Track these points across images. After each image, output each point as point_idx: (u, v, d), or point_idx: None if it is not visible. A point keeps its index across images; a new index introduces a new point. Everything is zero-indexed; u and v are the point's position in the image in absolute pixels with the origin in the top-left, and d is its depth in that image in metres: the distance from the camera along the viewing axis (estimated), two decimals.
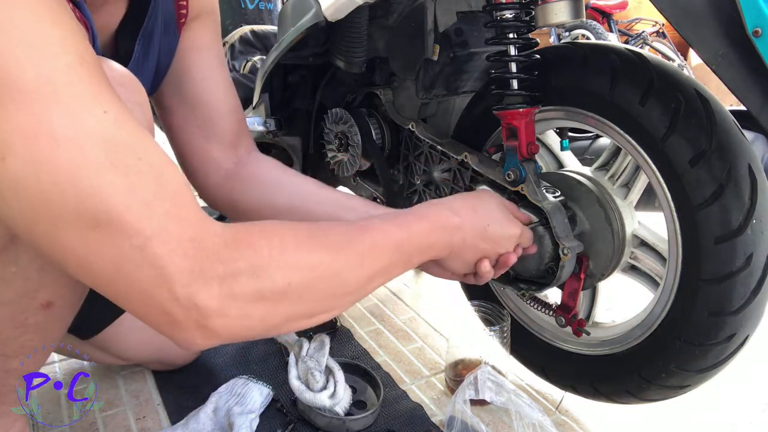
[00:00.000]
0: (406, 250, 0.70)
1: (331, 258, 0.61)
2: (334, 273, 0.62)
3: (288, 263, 0.58)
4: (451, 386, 1.12)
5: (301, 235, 0.60)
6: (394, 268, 0.70)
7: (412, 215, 0.73)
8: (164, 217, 0.50)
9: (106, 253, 0.49)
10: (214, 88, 0.90)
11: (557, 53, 0.94)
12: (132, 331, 1.06)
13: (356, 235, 0.65)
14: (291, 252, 0.58)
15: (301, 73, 1.38)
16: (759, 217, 0.76)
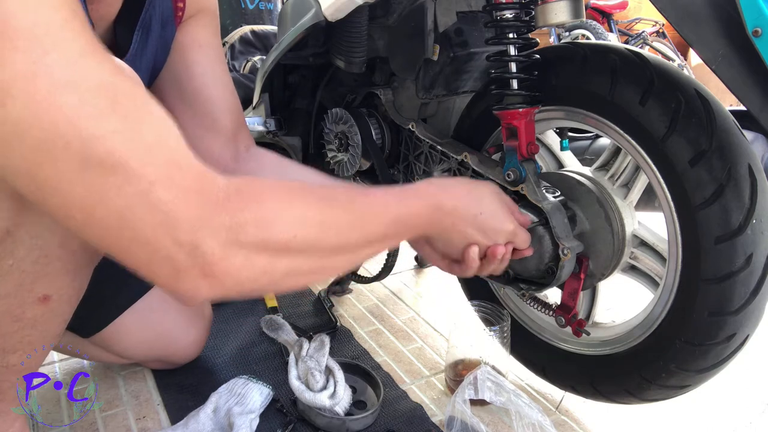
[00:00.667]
0: (402, 223, 0.72)
1: (335, 216, 0.63)
2: (337, 231, 0.64)
3: (294, 217, 0.59)
4: (451, 386, 1.12)
5: (307, 192, 0.62)
6: (388, 238, 0.72)
7: (411, 191, 0.74)
8: (168, 164, 0.51)
9: (110, 200, 0.50)
10: (214, 85, 0.90)
11: (557, 53, 0.94)
12: (133, 329, 1.06)
13: (360, 199, 0.68)
14: (297, 207, 0.60)
15: (301, 73, 1.38)
16: (759, 217, 0.76)
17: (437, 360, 1.23)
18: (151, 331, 1.07)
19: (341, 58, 1.17)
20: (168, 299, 1.09)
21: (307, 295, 1.48)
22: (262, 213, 0.57)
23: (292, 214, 0.59)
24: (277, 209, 0.58)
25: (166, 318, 1.09)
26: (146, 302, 1.07)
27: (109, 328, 1.04)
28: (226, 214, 0.54)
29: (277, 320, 1.21)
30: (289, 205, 0.59)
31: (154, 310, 1.07)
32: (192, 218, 0.52)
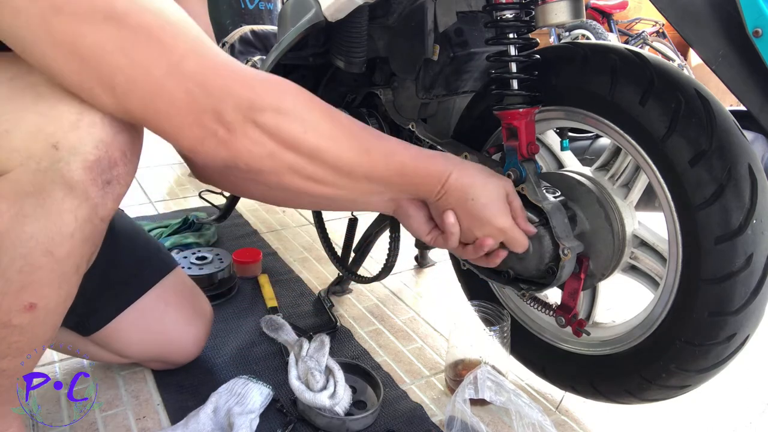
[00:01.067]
0: (405, 174, 0.76)
1: (347, 137, 0.69)
2: (345, 149, 0.69)
3: (310, 120, 0.66)
4: (451, 386, 1.12)
5: (328, 108, 0.69)
6: (388, 185, 0.76)
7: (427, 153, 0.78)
8: (195, 43, 0.59)
9: (146, 70, 0.57)
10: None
11: (557, 53, 0.94)
12: (133, 327, 1.06)
13: (375, 136, 0.72)
14: (315, 113, 0.67)
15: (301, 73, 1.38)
16: (759, 217, 0.76)
17: (437, 360, 1.23)
18: (151, 329, 1.07)
19: (341, 58, 1.17)
20: (168, 299, 1.09)
21: (307, 295, 1.48)
22: (282, 104, 0.64)
23: (309, 116, 0.66)
24: (296, 108, 0.65)
25: (167, 317, 1.09)
26: (147, 301, 1.07)
27: (110, 326, 1.04)
28: (252, 93, 0.61)
29: (277, 320, 1.21)
30: (308, 109, 0.66)
31: (154, 308, 1.07)
32: (219, 89, 0.59)
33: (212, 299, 1.23)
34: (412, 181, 0.78)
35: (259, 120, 0.63)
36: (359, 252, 1.41)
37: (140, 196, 2.12)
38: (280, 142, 0.65)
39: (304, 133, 0.66)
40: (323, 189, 0.72)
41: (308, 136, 0.66)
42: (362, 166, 0.72)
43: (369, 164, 0.72)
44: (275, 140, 0.65)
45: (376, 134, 0.74)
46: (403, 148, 0.76)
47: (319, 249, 1.51)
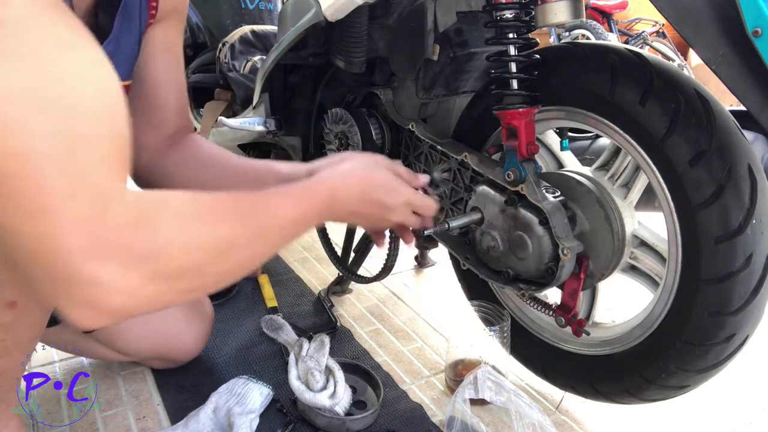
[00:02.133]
0: (299, 222, 0.73)
1: (234, 235, 0.63)
2: (239, 248, 0.64)
3: (190, 244, 0.58)
4: (451, 386, 1.12)
5: (206, 211, 0.61)
6: (289, 237, 0.73)
7: (305, 189, 0.75)
8: (65, 193, 0.49)
9: (2, 220, 0.49)
10: (172, 89, 0.93)
11: (557, 53, 0.94)
12: (135, 324, 1.06)
13: (259, 209, 0.67)
14: (194, 230, 0.58)
15: (301, 73, 1.38)
16: (759, 217, 0.76)
17: (437, 360, 1.23)
18: (152, 326, 1.08)
19: (341, 58, 1.17)
20: None
21: (307, 295, 1.48)
22: (157, 244, 0.55)
23: (187, 239, 0.58)
24: (172, 238, 0.56)
25: (168, 314, 1.09)
26: None
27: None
28: (120, 248, 0.52)
29: (277, 320, 1.21)
30: (184, 229, 0.58)
31: None
32: (81, 250, 0.50)
33: (212, 299, 1.24)
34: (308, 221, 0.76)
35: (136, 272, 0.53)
36: (359, 252, 1.41)
37: None
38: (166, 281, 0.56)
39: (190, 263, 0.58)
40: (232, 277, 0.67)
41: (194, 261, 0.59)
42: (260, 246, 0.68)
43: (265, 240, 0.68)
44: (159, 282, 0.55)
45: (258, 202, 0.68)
46: (287, 198, 0.72)
47: (319, 249, 1.51)
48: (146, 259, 0.53)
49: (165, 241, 0.55)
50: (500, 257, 0.99)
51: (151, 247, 0.54)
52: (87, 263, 0.50)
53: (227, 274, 0.65)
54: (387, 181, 0.83)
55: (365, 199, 0.80)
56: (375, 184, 0.81)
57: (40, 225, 0.48)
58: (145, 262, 0.53)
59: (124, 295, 0.52)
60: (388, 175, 0.84)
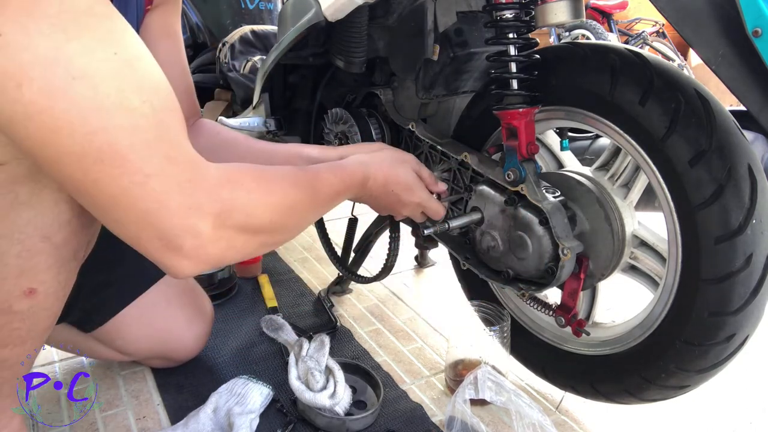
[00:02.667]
0: (341, 196, 0.85)
1: (300, 201, 0.74)
2: (300, 212, 0.76)
3: (273, 204, 0.69)
4: (451, 386, 1.12)
5: (280, 180, 0.72)
6: (331, 208, 0.85)
7: (347, 169, 0.85)
8: (164, 159, 0.57)
9: (106, 186, 0.55)
10: (176, 72, 0.97)
11: (557, 53, 0.94)
12: (135, 323, 1.06)
13: (316, 182, 0.78)
14: (276, 194, 0.70)
15: (301, 73, 1.38)
16: (759, 217, 0.76)
17: (437, 360, 1.23)
18: (153, 325, 1.08)
19: (341, 58, 1.17)
20: (171, 296, 1.10)
21: (307, 295, 1.48)
22: (246, 201, 0.65)
23: (271, 202, 0.69)
24: (259, 198, 0.67)
25: (169, 313, 1.09)
26: (149, 297, 1.07)
27: (112, 321, 1.04)
28: (216, 203, 0.61)
29: (277, 320, 1.21)
30: (268, 194, 0.69)
31: (156, 305, 1.08)
32: (185, 206, 0.58)
33: (212, 299, 1.24)
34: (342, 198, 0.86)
35: (228, 224, 0.63)
36: (359, 252, 1.41)
37: None
38: (251, 234, 0.67)
39: (270, 221, 0.69)
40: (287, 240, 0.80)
41: (273, 220, 0.70)
42: (316, 214, 0.81)
43: (319, 209, 0.81)
44: (245, 235, 0.66)
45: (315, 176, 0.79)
46: (330, 174, 0.82)
47: (319, 249, 1.51)
48: (237, 214, 0.63)
49: (252, 199, 0.66)
50: (500, 257, 0.99)
51: (241, 203, 0.64)
52: (190, 218, 0.59)
53: (290, 232, 0.77)
54: (409, 180, 0.93)
55: (386, 191, 0.91)
56: (398, 180, 0.91)
57: (149, 188, 0.56)
58: (235, 217, 0.63)
59: (221, 244, 0.63)
60: (412, 176, 0.94)
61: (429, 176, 0.98)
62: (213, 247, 0.62)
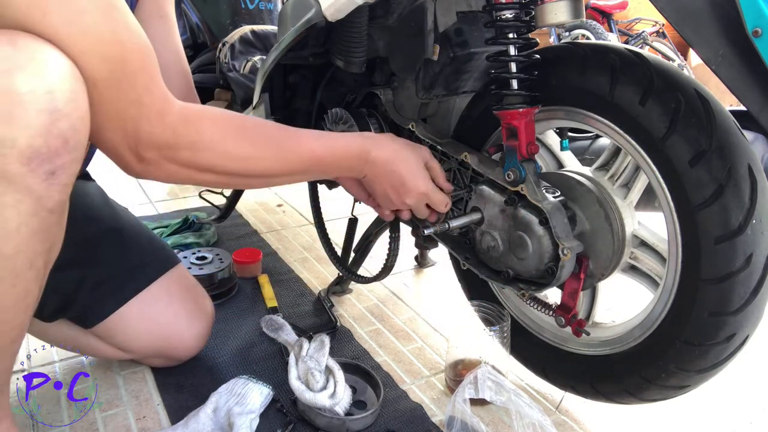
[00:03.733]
0: (323, 163, 0.87)
1: (262, 152, 0.80)
2: (260, 163, 0.81)
3: (223, 151, 0.77)
4: (451, 386, 1.12)
5: (242, 129, 0.78)
6: (309, 173, 0.88)
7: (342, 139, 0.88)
8: (143, 89, 0.70)
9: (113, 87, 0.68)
10: (171, 52, 1.00)
11: (557, 53, 0.94)
12: (136, 319, 1.06)
13: (286, 139, 0.82)
14: (229, 143, 0.77)
15: (301, 73, 1.38)
16: (759, 217, 0.76)
17: (437, 360, 1.23)
18: (153, 321, 1.08)
19: (341, 58, 1.17)
20: (172, 292, 1.10)
21: (307, 295, 1.48)
22: (198, 141, 0.74)
23: (223, 147, 0.76)
24: (211, 141, 0.75)
25: (169, 310, 1.09)
26: (150, 293, 1.07)
27: (113, 317, 1.04)
28: (172, 136, 0.72)
29: (277, 320, 1.21)
30: (222, 139, 0.76)
31: (158, 301, 1.08)
32: (147, 132, 0.71)
33: (212, 299, 1.23)
34: (333, 167, 0.88)
35: (176, 157, 0.74)
36: (359, 252, 1.41)
37: (140, 196, 2.12)
38: (196, 169, 0.77)
39: (221, 164, 0.78)
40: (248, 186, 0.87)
41: (225, 165, 0.78)
42: (281, 169, 0.84)
43: (286, 166, 0.83)
44: (192, 169, 0.77)
45: (290, 134, 0.83)
46: (315, 140, 0.85)
47: (319, 249, 1.51)
48: (189, 149, 0.74)
49: (207, 141, 0.75)
50: (500, 257, 0.99)
51: (195, 141, 0.74)
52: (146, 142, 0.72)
53: (246, 181, 0.84)
54: (417, 166, 0.93)
55: (391, 170, 0.91)
56: (406, 162, 0.92)
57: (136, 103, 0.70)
58: (187, 152, 0.74)
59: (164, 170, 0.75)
60: (420, 163, 0.94)
61: (439, 169, 0.98)
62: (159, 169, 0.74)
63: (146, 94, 0.70)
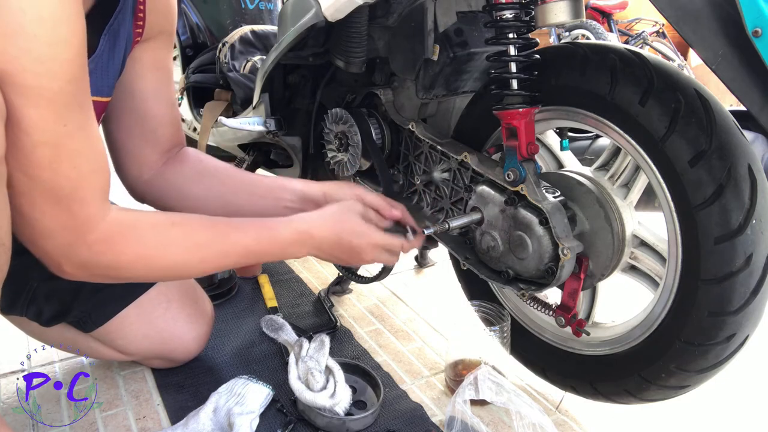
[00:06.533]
0: (261, 256, 0.91)
1: (187, 263, 0.83)
2: (184, 272, 0.88)
3: (144, 267, 0.79)
4: (451, 386, 1.12)
5: (167, 242, 0.80)
6: (243, 262, 0.90)
7: (273, 229, 0.88)
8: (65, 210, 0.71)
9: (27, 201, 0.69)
10: (162, 104, 0.99)
11: (557, 53, 0.94)
12: (135, 323, 1.06)
13: (215, 242, 0.84)
14: (150, 258, 0.79)
15: (301, 73, 1.38)
16: (759, 217, 0.76)
17: (437, 360, 1.23)
18: (153, 325, 1.08)
19: (341, 58, 1.17)
20: (171, 296, 1.10)
21: (307, 295, 1.48)
22: (116, 263, 0.77)
23: (142, 265, 0.79)
24: (129, 261, 0.78)
25: (169, 313, 1.09)
26: (150, 297, 1.07)
27: (113, 321, 1.04)
28: (87, 254, 0.74)
29: (277, 320, 1.21)
30: (141, 256, 0.78)
31: (157, 305, 1.08)
32: (62, 246, 0.73)
33: (212, 299, 1.24)
34: (272, 255, 0.90)
35: (93, 272, 0.77)
36: None
37: None
38: (113, 279, 0.82)
39: (138, 276, 0.84)
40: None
41: (142, 275, 0.84)
42: (211, 268, 0.88)
43: (217, 264, 0.86)
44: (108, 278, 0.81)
45: (219, 234, 0.84)
46: (246, 234, 0.86)
47: None
48: (105, 268, 0.77)
49: (125, 262, 0.78)
50: (500, 257, 0.99)
51: (111, 263, 0.77)
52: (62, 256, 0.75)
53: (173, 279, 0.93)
54: (356, 225, 0.91)
55: (338, 242, 0.90)
56: (345, 228, 0.90)
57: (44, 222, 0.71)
58: (104, 269, 0.78)
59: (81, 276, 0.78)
60: (359, 220, 0.92)
61: (375, 216, 0.95)
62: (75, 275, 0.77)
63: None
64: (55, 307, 1.01)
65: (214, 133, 1.57)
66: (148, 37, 0.93)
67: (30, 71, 0.61)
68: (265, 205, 1.00)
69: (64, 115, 0.66)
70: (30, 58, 0.61)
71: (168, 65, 1.01)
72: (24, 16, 0.59)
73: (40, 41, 0.61)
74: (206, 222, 0.85)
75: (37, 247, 0.73)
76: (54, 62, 0.62)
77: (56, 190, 0.69)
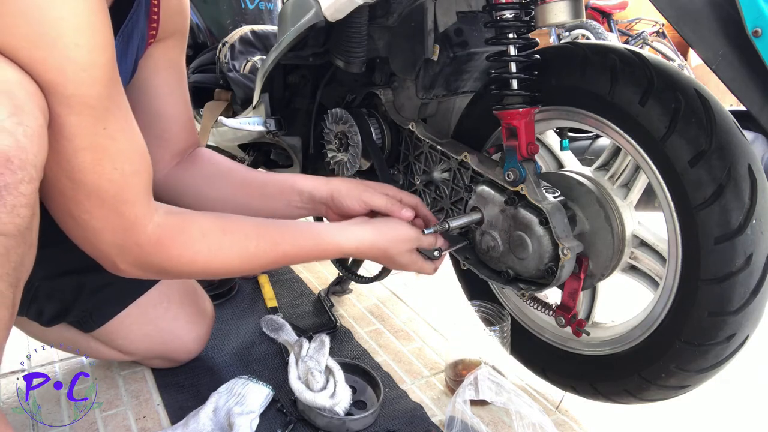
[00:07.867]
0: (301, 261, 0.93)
1: (237, 266, 0.83)
2: (232, 272, 0.87)
3: (198, 270, 0.81)
4: (451, 386, 1.12)
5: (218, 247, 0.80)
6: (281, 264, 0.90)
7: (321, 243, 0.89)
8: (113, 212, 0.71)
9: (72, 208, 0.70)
10: (176, 103, 0.99)
11: (557, 53, 0.94)
12: (136, 323, 1.06)
13: (266, 251, 0.84)
14: (203, 263, 0.80)
15: (301, 73, 1.38)
16: (759, 217, 0.76)
17: (437, 360, 1.23)
18: (153, 325, 1.08)
19: (341, 58, 1.17)
20: (172, 296, 1.10)
21: (307, 295, 1.48)
22: (167, 263, 0.77)
23: (191, 269, 0.80)
24: (180, 264, 0.78)
25: (169, 314, 1.09)
26: (150, 297, 1.07)
27: (113, 321, 1.04)
28: (139, 253, 0.75)
29: (277, 320, 1.21)
30: (192, 260, 0.78)
31: (157, 305, 1.08)
32: (115, 246, 0.73)
33: (212, 299, 1.24)
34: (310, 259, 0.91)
35: (146, 270, 0.78)
36: None
37: None
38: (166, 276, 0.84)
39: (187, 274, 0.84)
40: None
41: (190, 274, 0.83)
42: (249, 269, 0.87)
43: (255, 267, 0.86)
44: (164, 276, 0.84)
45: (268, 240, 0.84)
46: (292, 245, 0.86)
47: None
48: (158, 269, 0.78)
49: (176, 264, 0.78)
50: (500, 257, 0.99)
51: (163, 262, 0.77)
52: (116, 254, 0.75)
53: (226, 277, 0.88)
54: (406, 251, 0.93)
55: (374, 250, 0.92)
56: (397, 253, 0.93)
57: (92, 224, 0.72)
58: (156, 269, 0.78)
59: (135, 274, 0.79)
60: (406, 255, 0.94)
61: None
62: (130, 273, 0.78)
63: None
64: (56, 307, 1.01)
65: (214, 133, 1.57)
66: (162, 37, 0.93)
67: (72, 80, 0.61)
68: (277, 207, 1.01)
69: (104, 118, 0.65)
70: (73, 66, 0.60)
71: (181, 65, 1.01)
72: (63, 25, 0.58)
73: (82, 49, 0.60)
74: (258, 230, 0.85)
75: (93, 248, 0.74)
76: (94, 68, 0.62)
77: (101, 193, 0.68)
